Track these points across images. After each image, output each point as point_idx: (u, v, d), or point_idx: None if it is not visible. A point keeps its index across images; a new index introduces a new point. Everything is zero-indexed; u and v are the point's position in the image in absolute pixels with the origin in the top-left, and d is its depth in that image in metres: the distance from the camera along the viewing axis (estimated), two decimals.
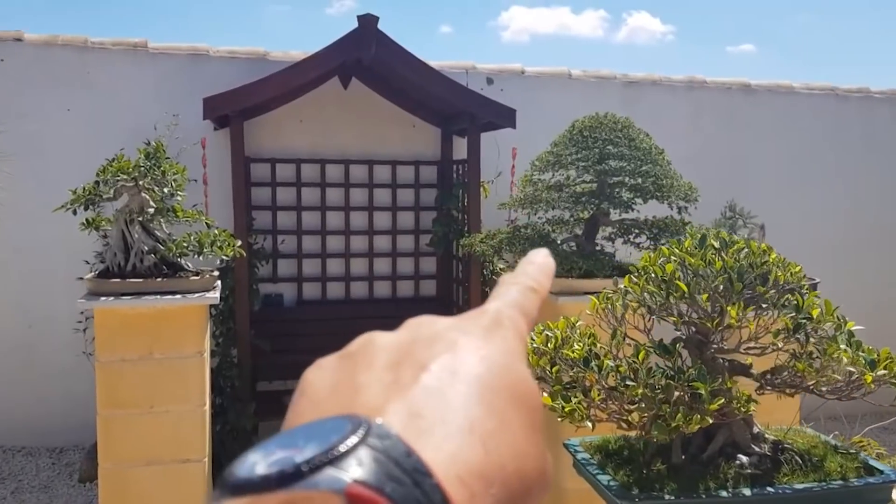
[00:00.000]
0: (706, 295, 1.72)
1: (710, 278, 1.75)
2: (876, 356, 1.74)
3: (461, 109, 4.88)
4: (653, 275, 1.84)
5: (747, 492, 1.78)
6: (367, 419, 0.29)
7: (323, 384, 0.34)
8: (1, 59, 5.01)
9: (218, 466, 4.64)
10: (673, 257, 1.86)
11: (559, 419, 1.70)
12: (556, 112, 5.83)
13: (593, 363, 1.73)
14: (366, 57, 4.44)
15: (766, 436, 1.97)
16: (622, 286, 1.97)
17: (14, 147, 5.03)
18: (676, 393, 1.63)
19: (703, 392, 1.60)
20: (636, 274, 1.94)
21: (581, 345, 1.81)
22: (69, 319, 5.02)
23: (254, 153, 5.37)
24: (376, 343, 0.36)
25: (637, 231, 3.89)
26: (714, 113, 6.33)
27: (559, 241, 3.97)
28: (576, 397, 1.69)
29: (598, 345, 1.85)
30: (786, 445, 1.95)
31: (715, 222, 5.53)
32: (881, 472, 1.88)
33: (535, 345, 1.88)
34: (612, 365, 1.71)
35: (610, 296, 1.95)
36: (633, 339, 1.90)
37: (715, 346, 1.84)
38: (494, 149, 5.66)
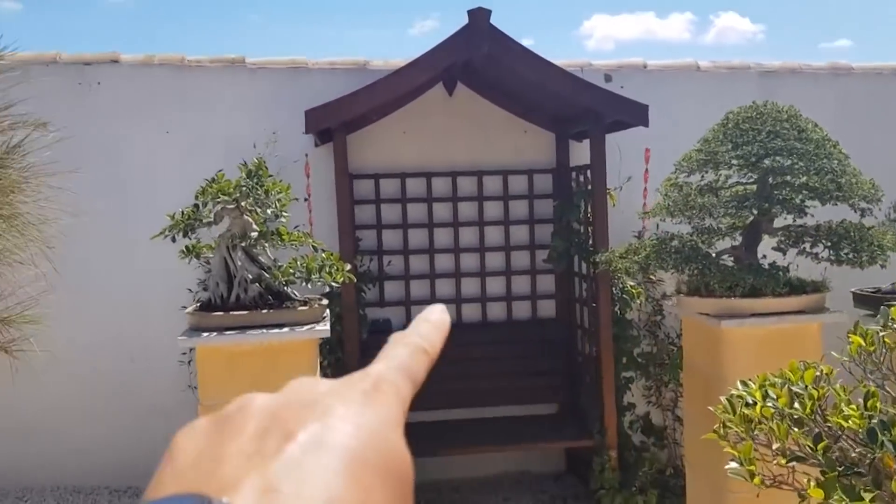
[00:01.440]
0: None
1: None
2: None
3: (584, 109, 4.37)
4: None
5: None
6: (210, 499, 0.29)
7: (189, 451, 0.33)
8: (98, 83, 4.83)
9: None
10: None
11: None
12: (684, 109, 5.26)
13: (884, 438, 1.19)
14: (478, 56, 4.00)
15: None
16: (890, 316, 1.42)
17: (110, 173, 4.85)
18: None
19: None
20: None
21: (855, 408, 1.28)
22: (172, 351, 4.78)
23: (357, 169, 5.01)
24: (251, 407, 0.35)
25: (811, 239, 3.28)
26: (864, 102, 5.59)
27: (714, 254, 3.40)
28: (868, 491, 1.16)
29: (879, 405, 1.31)
30: None
31: (879, 224, 4.80)
32: None
33: (777, 406, 1.35)
34: None
35: (882, 332, 1.40)
36: None
37: None
38: (615, 153, 5.12)
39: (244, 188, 3.06)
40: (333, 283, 3.16)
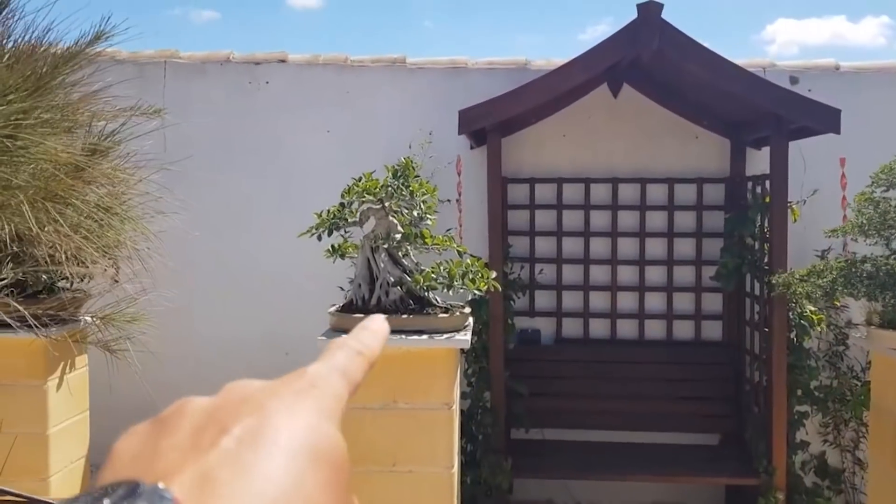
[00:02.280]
0: None
1: None
2: None
3: (764, 112, 3.96)
4: None
5: None
6: (143, 483, 0.30)
7: (127, 452, 0.35)
8: (266, 82, 4.97)
9: None
10: None
11: None
12: (883, 115, 4.68)
13: None
14: (647, 52, 3.71)
15: None
16: None
17: (276, 169, 4.98)
18: None
19: None
20: None
21: None
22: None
23: (512, 172, 4.84)
24: (187, 408, 0.36)
25: None
26: None
27: None
28: None
29: None
30: None
31: None
32: None
33: None
34: None
35: None
36: None
37: None
38: (798, 162, 4.62)
39: (389, 188, 2.97)
40: (476, 291, 3.01)
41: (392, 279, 3.07)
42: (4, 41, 2.37)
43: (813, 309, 4.30)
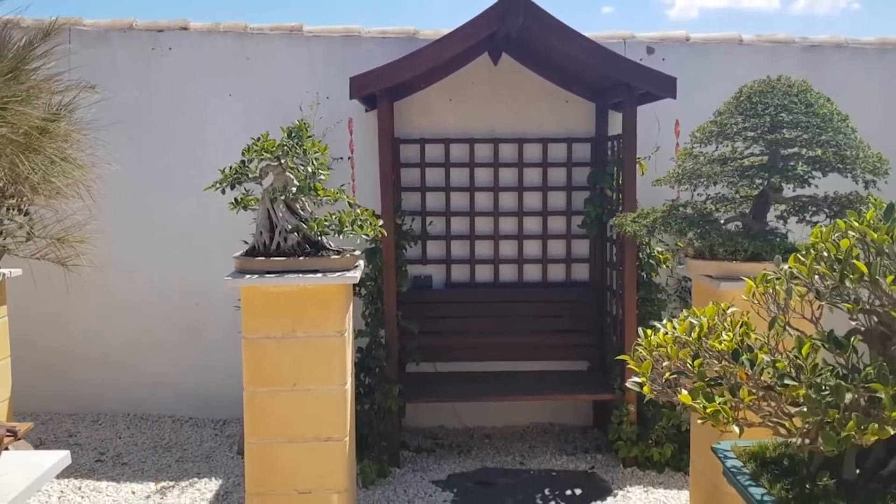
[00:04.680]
0: (892, 276, 1.40)
1: None
2: None
3: (616, 80, 4.57)
4: (824, 253, 1.54)
5: None
6: None
7: None
8: (169, 48, 5.27)
9: (363, 446, 4.68)
10: (851, 232, 1.54)
11: (699, 421, 1.44)
12: (724, 82, 5.32)
13: (744, 357, 1.46)
14: (513, 28, 4.24)
15: None
16: (786, 267, 1.68)
17: (180, 131, 5.31)
18: (849, 396, 1.34)
19: (883, 396, 1.30)
20: (803, 253, 1.64)
21: (730, 335, 1.54)
22: (231, 297, 5.24)
23: (404, 134, 5.34)
24: None
25: (814, 209, 3.44)
26: None
27: (722, 221, 3.59)
28: (721, 396, 1.43)
29: (753, 335, 1.57)
30: None
31: None
32: None
33: (676, 333, 1.63)
34: (769, 360, 1.44)
35: (771, 278, 1.65)
36: (797, 329, 1.60)
37: None
38: (654, 123, 5.30)
39: (285, 147, 3.42)
40: (364, 235, 3.50)
41: (290, 227, 3.54)
42: None
43: (660, 250, 5.01)
